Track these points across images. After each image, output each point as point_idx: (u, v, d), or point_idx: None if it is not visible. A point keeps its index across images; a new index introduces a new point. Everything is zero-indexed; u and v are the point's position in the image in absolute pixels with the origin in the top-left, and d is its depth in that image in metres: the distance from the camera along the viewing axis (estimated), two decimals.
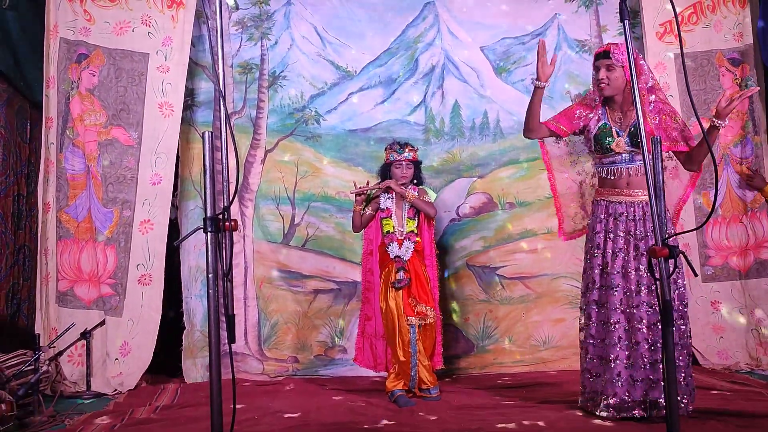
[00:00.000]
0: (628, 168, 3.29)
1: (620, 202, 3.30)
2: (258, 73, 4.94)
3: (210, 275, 1.74)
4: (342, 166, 4.96)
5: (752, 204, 4.94)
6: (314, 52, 5.00)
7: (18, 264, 4.77)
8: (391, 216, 3.88)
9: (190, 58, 4.68)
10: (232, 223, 1.72)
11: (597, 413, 3.21)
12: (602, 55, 3.30)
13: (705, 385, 3.91)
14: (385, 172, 3.95)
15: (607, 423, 3.14)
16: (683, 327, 3.20)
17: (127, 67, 4.55)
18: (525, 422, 3.16)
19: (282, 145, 4.94)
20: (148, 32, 4.57)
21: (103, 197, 4.49)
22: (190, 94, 4.79)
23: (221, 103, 1.86)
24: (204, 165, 1.82)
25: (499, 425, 3.07)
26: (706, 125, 4.90)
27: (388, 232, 3.86)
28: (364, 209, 3.93)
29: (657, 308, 3.03)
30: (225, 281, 1.74)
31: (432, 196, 4.00)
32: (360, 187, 3.90)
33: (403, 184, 3.88)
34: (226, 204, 1.76)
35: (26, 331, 4.59)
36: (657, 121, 3.33)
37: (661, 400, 3.06)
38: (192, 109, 4.84)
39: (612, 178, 3.32)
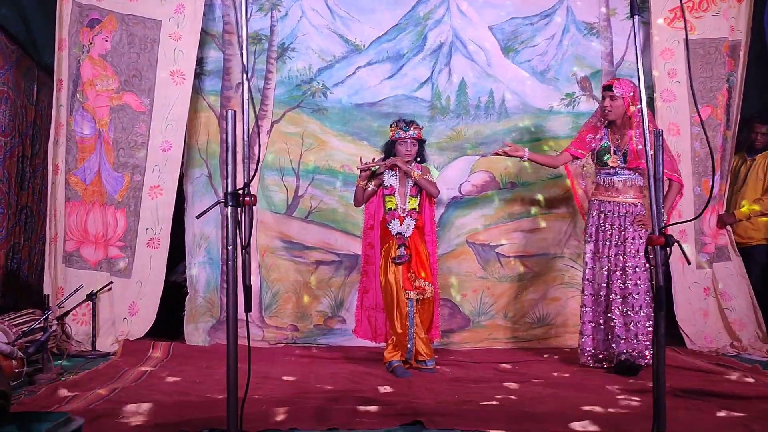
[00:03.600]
0: (621, 180, 4.12)
1: (609, 202, 4.14)
2: (267, 44, 4.98)
3: (230, 247, 1.82)
4: (347, 140, 5.03)
5: (720, 194, 5.06)
6: (323, 25, 5.03)
7: (20, 224, 4.84)
8: (394, 193, 3.95)
9: (201, 27, 4.71)
10: (252, 198, 1.80)
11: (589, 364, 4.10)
12: (607, 88, 4.11)
13: (691, 366, 4.05)
14: (390, 148, 4.01)
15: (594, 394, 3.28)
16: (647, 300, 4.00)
17: (139, 33, 4.59)
18: (513, 397, 3.27)
19: (288, 116, 4.99)
20: None
21: (114, 162, 4.57)
22: (199, 62, 4.82)
23: (245, 96, 1.91)
24: (226, 142, 1.89)
25: (493, 401, 3.18)
26: (707, 112, 5.04)
27: (390, 209, 3.94)
28: (367, 184, 4.00)
29: (632, 285, 3.97)
30: (244, 253, 1.83)
31: (434, 173, 4.09)
32: (366, 163, 3.97)
33: (407, 162, 3.94)
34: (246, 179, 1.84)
35: (29, 288, 4.69)
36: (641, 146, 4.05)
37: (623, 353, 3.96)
38: (200, 78, 4.87)
39: (606, 185, 4.16)
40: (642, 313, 3.94)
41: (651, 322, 3.92)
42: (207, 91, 4.91)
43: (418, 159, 4.02)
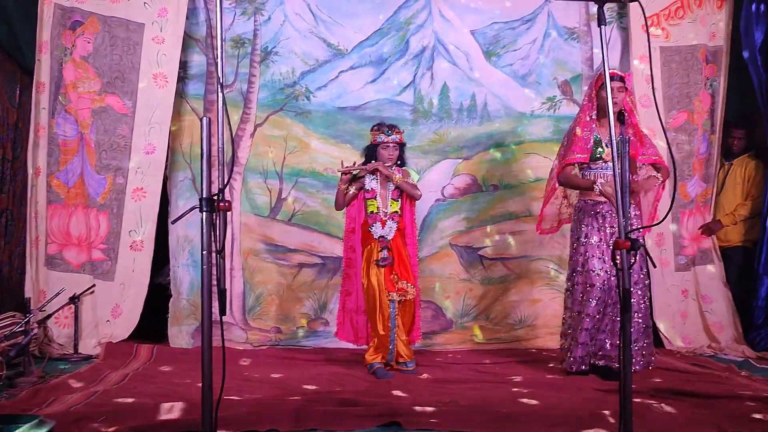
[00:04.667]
0: (613, 174, 3.75)
1: (604, 202, 3.89)
2: (250, 47, 5.00)
3: (204, 252, 1.85)
4: (330, 143, 5.06)
5: (698, 198, 5.14)
6: (306, 29, 5.06)
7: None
8: (375, 197, 3.99)
9: (184, 31, 4.73)
10: (226, 204, 1.83)
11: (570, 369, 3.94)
12: (619, 79, 3.87)
13: (668, 367, 4.11)
14: (371, 152, 4.04)
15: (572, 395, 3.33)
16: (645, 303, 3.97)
17: (122, 35, 4.60)
18: (493, 398, 3.31)
19: (272, 120, 5.02)
20: (144, 2, 4.62)
21: (96, 164, 4.57)
22: (182, 66, 4.84)
23: (221, 100, 1.94)
24: (201, 149, 1.92)
25: (472, 402, 3.22)
26: (684, 117, 5.12)
27: (372, 212, 3.97)
28: (348, 188, 4.03)
29: (641, 293, 3.86)
30: (218, 257, 1.86)
31: (414, 177, 4.12)
32: (347, 167, 4.00)
33: (388, 166, 3.98)
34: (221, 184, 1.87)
35: (10, 292, 4.68)
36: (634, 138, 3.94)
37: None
38: (184, 82, 4.89)
39: (599, 181, 3.89)
40: (638, 319, 3.88)
41: (645, 327, 3.95)
42: (191, 94, 4.93)
43: (399, 163, 4.06)
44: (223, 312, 1.93)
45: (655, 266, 3.48)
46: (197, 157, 4.90)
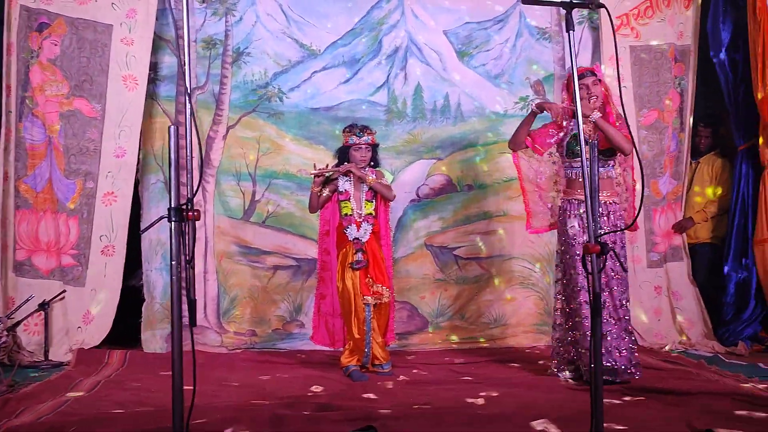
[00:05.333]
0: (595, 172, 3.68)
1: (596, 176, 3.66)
2: (222, 48, 4.96)
3: (173, 262, 1.83)
4: (304, 144, 5.04)
5: (669, 196, 5.22)
6: (279, 30, 5.04)
7: None
8: (349, 199, 3.98)
9: (153, 32, 4.67)
10: (195, 213, 1.81)
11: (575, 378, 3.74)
12: (590, 74, 3.75)
13: (641, 363, 4.15)
14: (344, 154, 4.03)
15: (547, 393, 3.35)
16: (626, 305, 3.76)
17: (90, 37, 4.53)
18: (468, 399, 3.33)
19: (244, 121, 4.99)
20: (112, 3, 4.55)
21: (65, 168, 4.50)
22: (153, 68, 4.78)
23: (188, 109, 1.91)
24: (169, 158, 1.89)
25: (447, 404, 3.23)
26: (654, 116, 5.19)
27: (346, 214, 3.96)
28: (321, 190, 4.02)
29: (618, 291, 3.66)
30: (187, 268, 1.84)
31: (389, 177, 4.13)
32: (320, 169, 3.98)
33: (361, 167, 3.97)
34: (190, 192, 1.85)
35: None
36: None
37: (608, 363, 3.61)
38: (155, 83, 4.84)
39: (581, 180, 3.68)
40: (625, 316, 3.72)
41: (632, 335, 3.79)
42: (162, 96, 4.87)
43: (372, 164, 4.05)
44: (193, 323, 1.91)
45: (626, 271, 3.45)
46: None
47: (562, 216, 3.82)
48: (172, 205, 1.82)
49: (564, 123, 3.81)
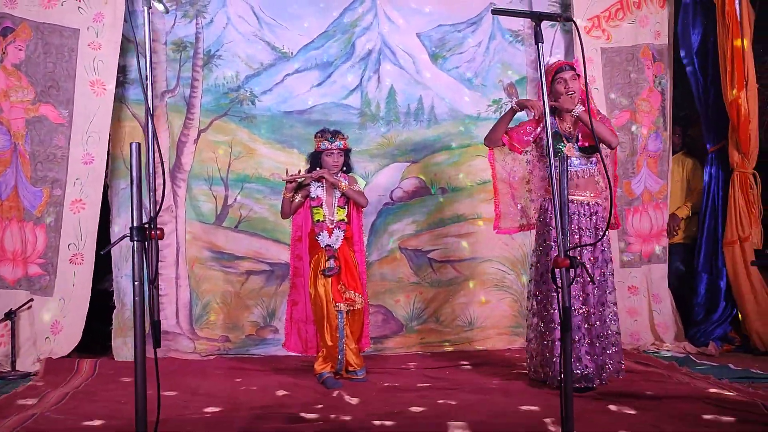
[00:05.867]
0: (576, 171, 3.67)
1: (572, 202, 3.63)
2: (192, 51, 4.90)
3: (136, 282, 1.79)
4: (277, 148, 5.00)
5: (657, 195, 5.25)
6: (250, 32, 4.98)
7: None
8: (321, 205, 3.95)
9: (122, 35, 4.59)
10: (159, 232, 1.77)
11: (547, 382, 3.64)
12: (568, 67, 3.68)
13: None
14: (316, 159, 3.99)
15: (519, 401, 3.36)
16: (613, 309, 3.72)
17: (56, 42, 4.44)
18: (441, 408, 3.33)
19: (216, 125, 4.93)
20: (79, 7, 4.47)
21: (31, 176, 4.41)
22: (122, 71, 4.70)
23: (149, 121, 1.87)
24: (131, 176, 1.85)
25: (420, 412, 3.23)
26: (626, 117, 5.22)
27: (318, 220, 3.93)
28: (294, 196, 3.98)
29: (603, 295, 3.63)
30: (151, 288, 1.80)
31: (361, 183, 4.09)
32: (292, 175, 3.94)
33: (334, 173, 3.94)
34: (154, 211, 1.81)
35: None
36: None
37: (608, 365, 3.61)
38: (124, 86, 4.76)
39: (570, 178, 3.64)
40: (612, 318, 3.67)
41: (618, 335, 3.71)
42: (131, 99, 4.79)
43: (345, 169, 4.03)
44: (157, 344, 1.88)
45: (593, 283, 3.43)
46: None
47: (544, 216, 3.73)
48: (134, 224, 1.78)
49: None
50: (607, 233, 3.73)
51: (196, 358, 4.71)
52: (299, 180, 3.96)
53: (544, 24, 5.25)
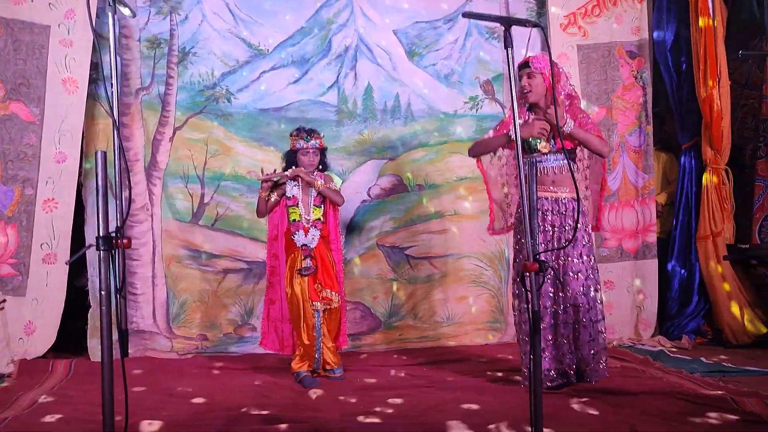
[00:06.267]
0: (552, 167, 3.59)
1: (547, 198, 3.57)
2: (167, 48, 4.85)
3: (102, 292, 1.78)
4: (253, 146, 4.97)
5: (642, 190, 5.29)
6: (226, 29, 4.94)
7: None
8: (297, 204, 3.94)
9: (95, 32, 4.53)
10: (125, 241, 1.76)
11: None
12: (523, 65, 3.58)
13: None
14: (291, 158, 3.98)
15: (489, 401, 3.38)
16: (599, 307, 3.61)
17: (26, 39, 4.37)
18: (421, 401, 3.35)
19: (191, 122, 4.89)
20: (50, 3, 4.40)
21: (2, 175, 4.35)
22: (94, 67, 4.64)
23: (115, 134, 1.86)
24: (96, 184, 1.84)
25: (395, 411, 3.24)
26: (602, 113, 5.24)
27: (294, 220, 3.92)
28: (269, 195, 3.96)
29: (583, 294, 3.52)
30: (118, 297, 1.79)
31: (337, 182, 4.08)
32: (267, 174, 3.93)
33: (309, 172, 3.93)
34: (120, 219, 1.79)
35: None
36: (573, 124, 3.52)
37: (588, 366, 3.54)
38: (97, 84, 4.69)
39: (539, 176, 3.57)
40: (594, 317, 3.56)
41: (603, 334, 3.61)
42: (104, 97, 4.73)
43: (321, 167, 4.01)
44: (124, 353, 1.86)
45: (564, 286, 3.41)
46: (113, 163, 4.71)
47: (518, 213, 3.68)
48: (101, 234, 1.76)
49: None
50: (587, 232, 3.63)
51: (174, 357, 4.69)
52: (275, 179, 3.94)
53: (521, 17, 5.31)
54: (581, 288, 3.53)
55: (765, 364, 4.15)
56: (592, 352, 3.54)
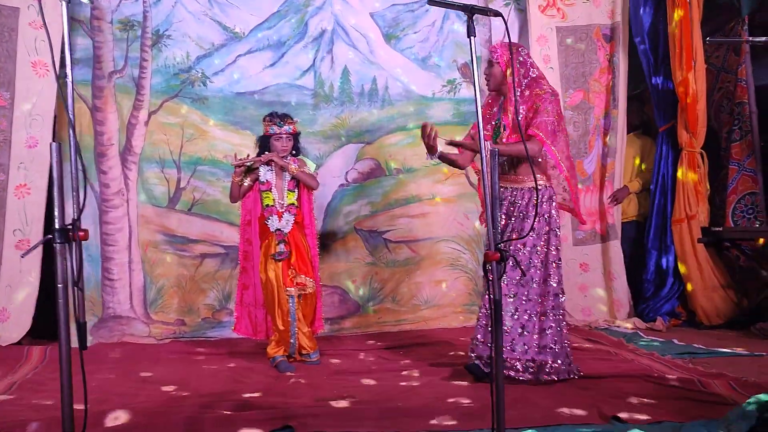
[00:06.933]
0: (513, 158, 3.50)
1: (507, 188, 3.54)
2: (140, 30, 4.79)
3: (60, 285, 1.77)
4: (230, 130, 4.94)
5: (604, 172, 5.31)
6: (200, 12, 4.89)
7: None
8: (271, 189, 3.92)
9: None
10: (83, 233, 1.75)
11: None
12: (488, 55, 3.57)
13: None
14: (265, 143, 3.96)
15: (464, 383, 3.40)
16: (561, 300, 3.53)
17: None
18: (392, 386, 3.38)
19: (167, 106, 4.86)
20: None
21: None
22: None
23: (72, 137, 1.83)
24: (51, 176, 1.82)
25: (370, 396, 3.27)
26: (579, 97, 5.24)
27: (268, 205, 3.91)
28: (242, 180, 3.95)
29: (544, 284, 3.45)
30: (75, 289, 1.78)
31: (311, 166, 4.06)
32: (240, 159, 3.91)
33: (283, 156, 3.92)
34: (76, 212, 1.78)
35: None
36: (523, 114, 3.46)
37: (550, 362, 3.38)
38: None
39: (506, 167, 3.54)
40: (558, 312, 3.48)
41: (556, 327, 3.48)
42: (77, 80, 4.68)
43: (294, 152, 4.00)
44: (83, 346, 1.87)
45: (524, 275, 3.36)
46: (88, 147, 4.69)
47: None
48: (57, 226, 1.75)
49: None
50: (544, 227, 3.48)
51: (152, 342, 4.70)
52: (248, 164, 3.92)
53: (498, 2, 5.28)
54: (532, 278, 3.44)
55: (734, 345, 4.22)
56: (557, 347, 3.43)
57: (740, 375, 3.32)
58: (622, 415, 2.77)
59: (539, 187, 3.50)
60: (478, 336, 3.49)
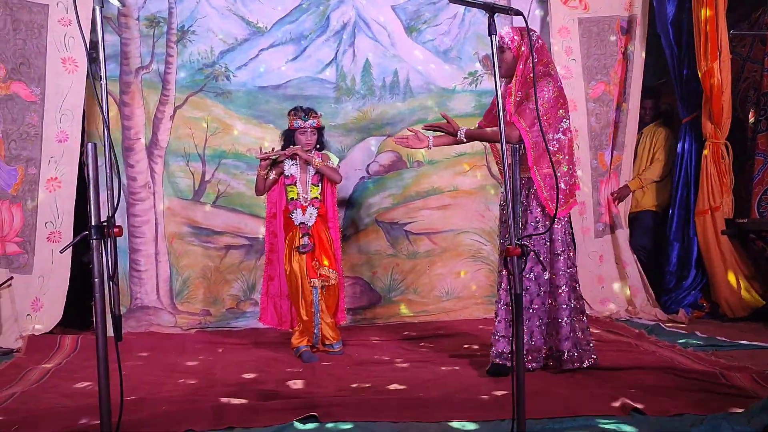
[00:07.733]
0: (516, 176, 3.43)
1: (522, 179, 3.36)
2: (166, 26, 4.86)
3: (96, 279, 1.84)
4: (253, 123, 5.01)
5: (611, 164, 5.31)
6: (224, 7, 4.95)
7: None
8: (295, 183, 3.98)
9: (93, 11, 4.54)
10: (117, 230, 1.82)
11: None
12: (498, 41, 3.44)
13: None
14: (289, 137, 4.01)
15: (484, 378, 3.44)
16: (577, 290, 3.53)
17: (25, 18, 4.39)
18: (416, 377, 3.43)
19: (191, 101, 4.93)
20: None
21: (5, 155, 4.41)
22: (94, 46, 4.65)
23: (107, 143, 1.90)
24: (87, 175, 1.89)
25: (391, 386, 3.33)
26: (601, 89, 5.22)
27: (292, 198, 3.97)
28: (268, 173, 4.01)
29: (553, 274, 3.40)
30: (111, 284, 1.85)
31: (334, 160, 4.12)
32: (265, 152, 3.97)
33: (307, 150, 3.97)
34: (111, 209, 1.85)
35: None
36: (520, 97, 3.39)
37: (569, 351, 3.41)
38: (96, 63, 4.71)
39: (517, 157, 3.46)
40: (570, 302, 3.46)
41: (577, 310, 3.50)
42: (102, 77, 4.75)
43: (318, 146, 4.05)
44: (119, 338, 1.94)
45: (545, 269, 3.34)
46: (116, 141, 4.80)
47: (501, 196, 3.73)
48: (93, 223, 1.82)
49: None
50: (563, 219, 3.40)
51: (178, 332, 4.80)
52: (273, 157, 3.98)
53: None
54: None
55: (757, 338, 4.20)
56: (561, 338, 3.45)
57: (763, 368, 3.30)
58: (642, 406, 2.79)
59: (549, 175, 3.30)
60: (499, 332, 3.46)
